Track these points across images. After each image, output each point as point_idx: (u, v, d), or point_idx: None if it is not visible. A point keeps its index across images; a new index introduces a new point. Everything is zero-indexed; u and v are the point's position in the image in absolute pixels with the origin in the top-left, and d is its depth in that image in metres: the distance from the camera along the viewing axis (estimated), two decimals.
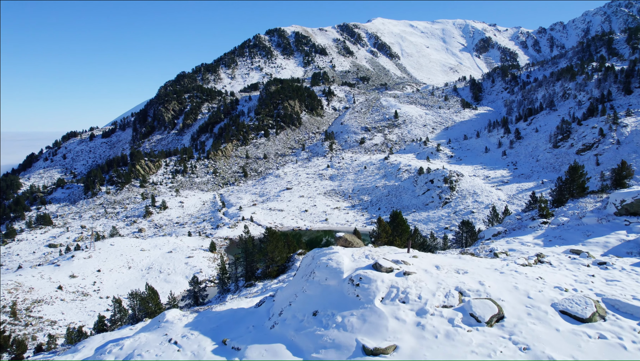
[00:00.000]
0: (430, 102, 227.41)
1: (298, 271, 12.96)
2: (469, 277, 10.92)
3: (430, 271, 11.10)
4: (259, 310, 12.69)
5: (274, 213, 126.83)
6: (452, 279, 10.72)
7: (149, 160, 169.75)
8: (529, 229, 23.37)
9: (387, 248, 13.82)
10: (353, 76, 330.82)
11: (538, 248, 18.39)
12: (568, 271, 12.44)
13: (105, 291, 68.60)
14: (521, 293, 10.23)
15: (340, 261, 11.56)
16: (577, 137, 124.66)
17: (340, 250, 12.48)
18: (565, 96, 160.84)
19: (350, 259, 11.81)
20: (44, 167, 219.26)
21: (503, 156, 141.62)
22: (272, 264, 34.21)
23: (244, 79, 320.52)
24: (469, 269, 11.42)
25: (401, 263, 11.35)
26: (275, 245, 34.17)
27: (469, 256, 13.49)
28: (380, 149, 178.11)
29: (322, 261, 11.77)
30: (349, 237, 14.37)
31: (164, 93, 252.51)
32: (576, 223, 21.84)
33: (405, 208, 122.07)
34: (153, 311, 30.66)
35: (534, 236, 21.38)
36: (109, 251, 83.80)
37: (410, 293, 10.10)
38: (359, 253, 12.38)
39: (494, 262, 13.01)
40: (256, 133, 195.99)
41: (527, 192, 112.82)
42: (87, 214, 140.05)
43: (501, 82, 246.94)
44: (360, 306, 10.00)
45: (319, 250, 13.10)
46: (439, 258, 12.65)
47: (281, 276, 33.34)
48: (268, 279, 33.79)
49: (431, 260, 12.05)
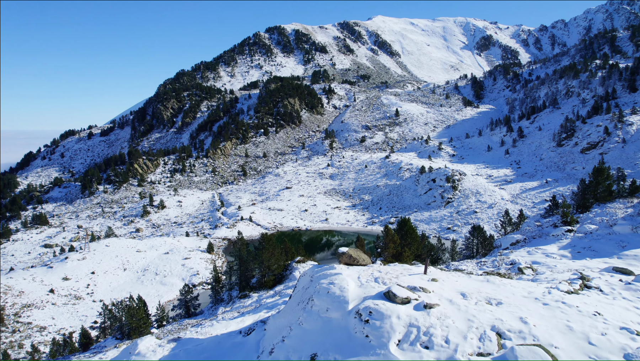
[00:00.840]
0: (431, 100, 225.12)
1: (294, 295, 10.94)
2: (505, 310, 8.87)
3: (457, 302, 9.05)
4: (247, 340, 10.71)
5: (274, 213, 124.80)
6: (486, 314, 8.67)
7: (147, 159, 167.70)
8: (551, 237, 21.35)
9: (400, 268, 11.78)
10: (353, 74, 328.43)
11: (566, 262, 16.37)
12: (627, 302, 10.36)
13: (99, 294, 66.62)
14: (578, 336, 8.12)
15: (344, 286, 9.53)
16: (581, 135, 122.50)
17: (344, 270, 10.48)
18: (568, 93, 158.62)
19: (356, 283, 9.79)
20: (42, 166, 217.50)
21: (506, 155, 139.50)
22: (268, 273, 32.18)
23: (244, 77, 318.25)
24: (502, 298, 9.39)
25: (419, 291, 9.32)
26: (271, 253, 32.10)
27: (497, 278, 11.46)
28: (381, 147, 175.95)
29: (322, 286, 9.73)
30: (354, 252, 12.36)
31: (163, 91, 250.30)
32: (607, 232, 19.81)
33: (407, 208, 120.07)
34: (138, 326, 28.68)
35: (558, 246, 19.37)
36: (103, 253, 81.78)
37: (435, 335, 8.06)
38: (367, 274, 10.38)
39: (531, 287, 10.94)
40: (256, 132, 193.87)
41: (531, 191, 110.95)
42: (84, 214, 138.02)
43: (503, 80, 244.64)
44: (371, 352, 7.95)
45: (319, 269, 11.08)
46: (463, 282, 10.61)
47: (278, 287, 31.31)
48: (264, 290, 31.76)
49: (454, 285, 10.01)
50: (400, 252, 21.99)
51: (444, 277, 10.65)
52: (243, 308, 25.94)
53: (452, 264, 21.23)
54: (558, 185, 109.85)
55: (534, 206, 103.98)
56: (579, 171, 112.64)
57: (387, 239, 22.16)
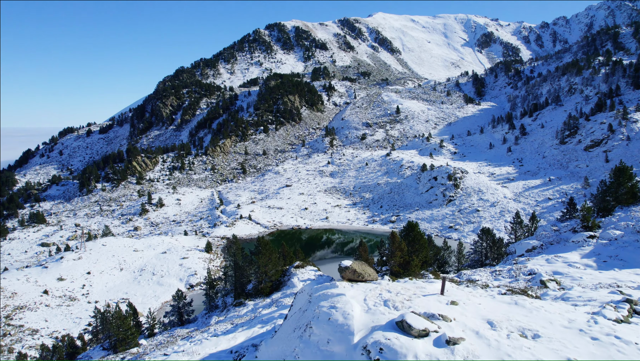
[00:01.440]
0: (432, 97, 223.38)
1: (290, 316, 9.49)
2: (546, 347, 7.38)
3: (485, 335, 7.58)
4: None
5: (273, 211, 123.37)
6: (523, 353, 7.17)
7: (146, 156, 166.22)
8: (571, 244, 19.84)
9: (411, 286, 10.29)
10: (354, 71, 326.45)
11: (592, 273, 14.91)
12: None
13: (94, 295, 65.23)
14: None
15: (349, 312, 8.07)
16: (585, 133, 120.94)
17: (348, 290, 9.04)
18: (571, 90, 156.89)
19: (362, 307, 8.33)
20: (41, 163, 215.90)
21: (508, 153, 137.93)
22: (265, 279, 30.67)
23: (244, 74, 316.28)
24: (539, 329, 7.94)
25: (439, 319, 7.87)
26: (268, 258, 30.57)
27: (526, 301, 9.95)
28: (381, 145, 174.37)
29: (322, 310, 8.27)
30: (358, 267, 10.91)
31: (162, 88, 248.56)
32: (634, 239, 18.25)
33: (408, 206, 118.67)
34: (125, 337, 27.21)
35: (580, 254, 17.88)
36: (100, 252, 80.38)
37: None
38: (374, 295, 8.93)
39: (569, 311, 9.43)
40: (255, 129, 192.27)
41: (534, 190, 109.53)
42: (82, 212, 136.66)
43: (504, 77, 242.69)
44: None
45: (319, 286, 9.64)
46: (487, 304, 9.14)
47: (275, 294, 29.86)
48: (260, 298, 30.27)
49: (478, 309, 8.55)
50: (408, 261, 20.44)
51: (464, 297, 9.20)
52: (237, 318, 24.52)
53: (464, 273, 19.73)
54: (561, 183, 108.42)
55: (537, 205, 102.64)
56: (582, 169, 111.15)
57: (394, 246, 20.64)
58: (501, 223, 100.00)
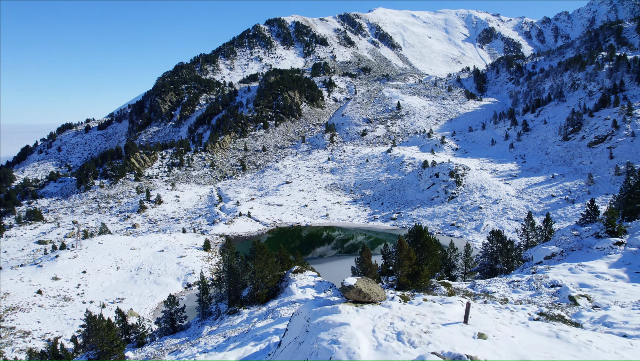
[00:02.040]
0: (433, 93, 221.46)
1: (284, 346, 8.02)
2: None
3: None
4: None
5: (273, 208, 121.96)
6: None
7: (144, 153, 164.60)
8: (595, 251, 18.25)
9: (427, 310, 8.78)
10: (354, 67, 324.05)
11: (626, 286, 13.38)
12: None
13: (89, 295, 63.85)
14: None
15: (354, 349, 6.51)
16: (588, 129, 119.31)
17: (352, 318, 7.56)
18: (574, 86, 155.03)
19: (370, 342, 6.81)
20: (39, 160, 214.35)
21: (510, 149, 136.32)
22: (261, 285, 29.11)
23: (243, 69, 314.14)
24: None
25: None
26: (264, 263, 28.92)
27: (570, 332, 8.40)
28: (382, 141, 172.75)
29: (321, 345, 6.76)
30: (364, 285, 9.40)
31: (162, 84, 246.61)
32: None
33: (409, 203, 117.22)
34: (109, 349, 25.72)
35: (607, 263, 16.34)
36: (96, 250, 78.97)
37: None
38: (384, 324, 7.45)
39: (625, 348, 7.94)
40: (255, 125, 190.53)
41: (537, 186, 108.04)
42: (80, 209, 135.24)
43: (506, 72, 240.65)
44: None
45: (318, 310, 8.17)
46: (523, 338, 7.66)
47: (271, 302, 28.32)
48: (255, 306, 28.75)
49: (513, 346, 7.06)
50: (417, 271, 18.83)
51: (492, 327, 7.73)
52: (230, 330, 23.09)
53: (478, 284, 18.17)
54: (565, 180, 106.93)
55: (540, 202, 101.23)
56: (586, 165, 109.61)
57: (402, 255, 19.02)
58: (504, 220, 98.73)
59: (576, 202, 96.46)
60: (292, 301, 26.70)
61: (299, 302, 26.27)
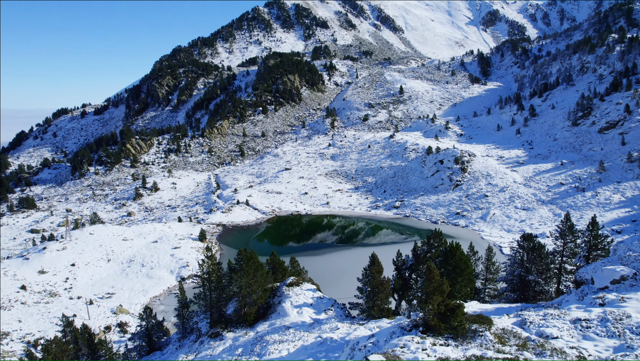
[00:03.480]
0: (436, 77, 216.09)
1: None
2: None
3: None
4: None
5: (272, 196, 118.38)
6: None
7: (140, 138, 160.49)
8: None
9: None
10: (355, 50, 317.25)
11: None
12: None
13: (78, 290, 60.64)
14: None
15: None
16: (599, 114, 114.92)
17: None
18: (583, 70, 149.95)
19: None
20: (34, 145, 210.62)
21: (517, 135, 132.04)
22: (248, 302, 25.33)
23: (242, 53, 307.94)
24: None
25: None
26: (252, 276, 24.98)
27: None
28: (384, 126, 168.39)
29: None
30: None
31: (159, 68, 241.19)
32: None
33: (413, 191, 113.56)
34: None
35: None
36: (86, 242, 75.61)
37: None
38: None
39: None
40: (254, 110, 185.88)
41: (545, 174, 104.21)
42: (74, 197, 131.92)
43: (511, 56, 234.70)
44: None
45: None
46: None
47: (260, 325, 24.55)
48: (242, 328, 25.08)
49: None
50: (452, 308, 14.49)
51: None
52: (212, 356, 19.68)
53: (530, 321, 14.35)
54: (574, 167, 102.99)
55: (549, 190, 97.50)
56: (597, 152, 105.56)
57: (430, 287, 14.27)
58: (511, 209, 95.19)
59: (587, 190, 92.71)
60: (285, 326, 22.86)
61: (294, 327, 22.50)
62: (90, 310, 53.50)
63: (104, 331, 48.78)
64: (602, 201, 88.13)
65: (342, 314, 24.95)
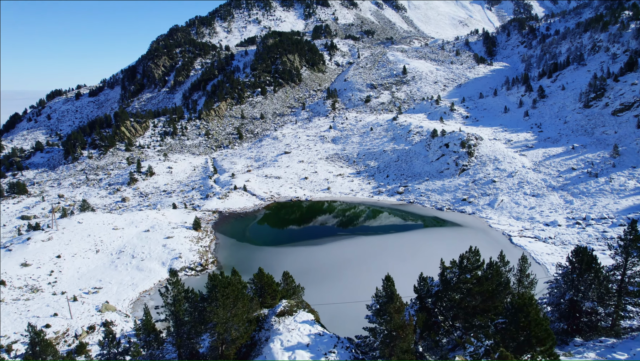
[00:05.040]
0: (440, 57, 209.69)
1: None
2: None
3: None
4: None
5: (271, 181, 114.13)
6: None
7: (135, 121, 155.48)
8: None
9: None
10: (357, 30, 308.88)
11: None
12: None
13: (62, 284, 56.91)
14: None
15: None
16: (613, 95, 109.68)
17: None
18: (595, 49, 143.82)
19: None
20: (28, 128, 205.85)
21: (525, 117, 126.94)
22: (227, 339, 20.80)
23: (241, 32, 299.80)
24: None
25: None
26: (230, 309, 20.13)
27: None
28: (387, 108, 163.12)
29: None
30: None
31: (155, 48, 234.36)
32: None
33: (417, 176, 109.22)
34: None
35: None
36: (74, 231, 71.72)
37: None
38: None
39: None
40: (252, 91, 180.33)
41: (556, 158, 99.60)
42: (67, 182, 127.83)
43: (517, 35, 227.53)
44: None
45: None
46: None
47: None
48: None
49: None
50: None
51: None
52: None
53: None
54: (586, 151, 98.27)
55: (560, 175, 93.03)
56: (610, 135, 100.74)
57: None
58: (520, 195, 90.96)
59: (600, 176, 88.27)
60: None
61: None
62: (73, 307, 49.84)
63: (87, 331, 45.16)
64: (616, 188, 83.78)
65: (350, 357, 20.32)
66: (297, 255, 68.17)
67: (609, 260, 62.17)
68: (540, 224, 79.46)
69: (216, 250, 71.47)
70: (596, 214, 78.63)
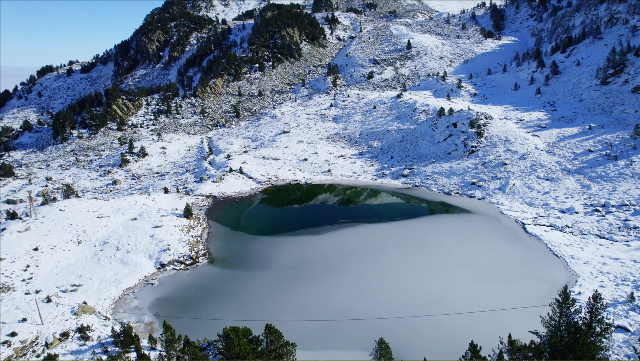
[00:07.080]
0: (446, 31, 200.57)
1: None
2: None
3: None
4: None
5: (268, 163, 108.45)
6: None
7: (127, 99, 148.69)
8: None
9: None
10: (359, 2, 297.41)
11: None
12: None
13: (38, 281, 51.98)
14: None
15: None
16: (633, 71, 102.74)
17: None
18: (612, 21, 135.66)
19: None
20: (18, 106, 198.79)
21: (537, 95, 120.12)
22: None
23: (239, 6, 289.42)
24: None
25: None
26: None
27: None
28: (390, 85, 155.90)
29: None
30: None
31: (149, 22, 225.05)
32: None
33: (423, 158, 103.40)
34: None
35: None
36: (55, 220, 66.53)
37: None
38: None
39: None
40: (250, 67, 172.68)
41: (571, 139, 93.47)
42: (56, 163, 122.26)
43: (527, 8, 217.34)
44: None
45: None
46: None
47: None
48: None
49: None
50: None
51: None
52: None
53: None
54: (604, 132, 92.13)
55: (575, 158, 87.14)
56: (630, 115, 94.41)
57: None
58: (533, 179, 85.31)
59: (619, 158, 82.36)
60: None
61: None
62: (47, 309, 44.98)
63: (60, 339, 40.34)
64: (637, 172, 77.98)
65: None
66: (295, 246, 63.11)
67: (636, 253, 57.24)
68: (555, 211, 74.07)
69: (208, 240, 66.37)
70: (616, 200, 73.08)
